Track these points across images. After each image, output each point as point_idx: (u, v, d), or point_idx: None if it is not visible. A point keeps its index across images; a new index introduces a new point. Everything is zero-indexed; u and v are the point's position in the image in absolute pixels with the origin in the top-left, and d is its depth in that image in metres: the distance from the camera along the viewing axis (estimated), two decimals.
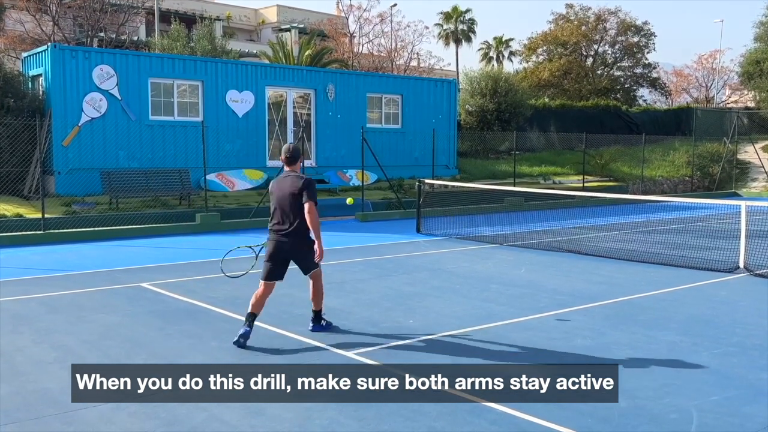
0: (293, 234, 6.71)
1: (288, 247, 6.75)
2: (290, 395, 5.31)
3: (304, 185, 6.68)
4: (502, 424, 4.77)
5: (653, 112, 40.95)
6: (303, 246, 6.78)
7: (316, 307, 7.23)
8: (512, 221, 17.54)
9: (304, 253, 6.83)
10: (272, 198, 6.86)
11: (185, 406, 5.06)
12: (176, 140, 19.32)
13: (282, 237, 6.74)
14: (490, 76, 30.19)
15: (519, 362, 6.15)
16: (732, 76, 53.03)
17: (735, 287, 9.73)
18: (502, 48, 58.05)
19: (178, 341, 6.79)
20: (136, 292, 9.12)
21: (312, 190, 6.69)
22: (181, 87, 19.84)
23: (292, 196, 6.65)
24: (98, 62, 18.23)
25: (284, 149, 6.93)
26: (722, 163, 30.47)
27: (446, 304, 8.45)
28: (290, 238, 6.72)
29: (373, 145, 19.74)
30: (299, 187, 6.66)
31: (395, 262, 11.68)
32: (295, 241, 6.75)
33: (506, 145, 29.69)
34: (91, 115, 18.10)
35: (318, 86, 22.39)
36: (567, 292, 9.20)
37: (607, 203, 21.74)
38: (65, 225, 14.69)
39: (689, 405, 5.15)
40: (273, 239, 6.80)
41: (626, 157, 29.66)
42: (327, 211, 18.54)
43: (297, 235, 6.72)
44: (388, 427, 4.71)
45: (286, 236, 6.72)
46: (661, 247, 13.09)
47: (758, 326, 7.49)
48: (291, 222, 6.70)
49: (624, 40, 48.84)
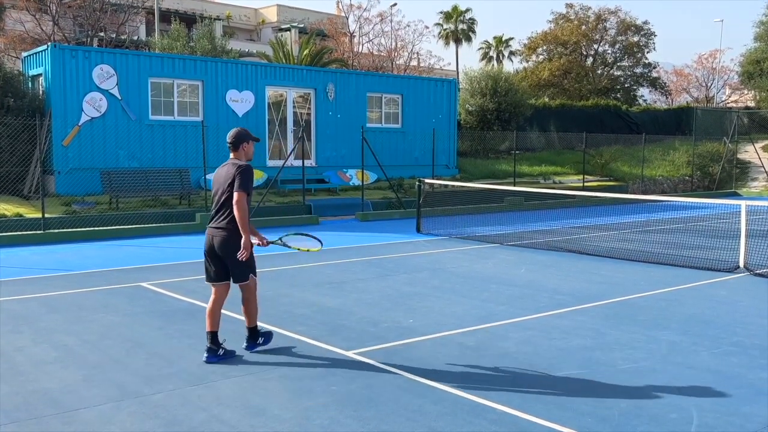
0: (223, 229, 6.00)
1: (217, 244, 6.04)
2: (290, 395, 5.31)
3: (236, 172, 5.97)
4: (502, 423, 4.76)
5: (653, 111, 40.98)
6: (231, 245, 5.98)
7: (248, 322, 6.38)
8: (512, 221, 17.54)
9: (231, 254, 6.00)
10: (213, 188, 6.24)
11: (185, 407, 5.06)
12: (176, 140, 19.33)
13: (212, 231, 6.08)
14: (490, 75, 30.19)
15: (518, 363, 6.15)
16: (732, 75, 53.08)
17: (735, 287, 9.73)
18: (502, 47, 58.11)
19: (178, 341, 6.79)
20: (136, 291, 9.12)
21: (244, 179, 5.95)
22: (181, 87, 19.84)
23: (227, 185, 5.98)
24: (98, 62, 18.24)
25: (228, 134, 6.23)
26: (722, 162, 30.46)
27: (446, 304, 8.45)
28: (219, 234, 6.02)
29: (373, 144, 19.74)
30: (232, 174, 5.98)
31: (395, 261, 11.68)
32: (224, 238, 6.01)
33: (506, 144, 29.69)
34: (91, 115, 18.10)
35: (318, 86, 22.39)
36: (567, 292, 9.20)
37: (607, 203, 21.75)
38: (65, 225, 14.69)
39: (689, 405, 5.15)
40: (207, 233, 6.17)
41: (626, 157, 29.66)
42: (327, 210, 18.58)
43: (226, 231, 5.99)
44: (388, 427, 4.70)
45: (215, 230, 6.05)
46: (661, 247, 13.09)
47: (758, 326, 7.49)
48: (223, 215, 6.02)
49: (624, 40, 48.86)
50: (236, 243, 5.95)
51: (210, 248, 6.10)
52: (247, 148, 6.20)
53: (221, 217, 6.03)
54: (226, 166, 6.11)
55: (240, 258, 5.92)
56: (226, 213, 6.00)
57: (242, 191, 5.90)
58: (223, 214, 6.02)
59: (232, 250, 5.96)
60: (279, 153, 21.79)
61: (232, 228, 5.95)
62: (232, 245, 5.97)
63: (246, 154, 6.20)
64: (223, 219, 6.01)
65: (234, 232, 5.95)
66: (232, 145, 6.15)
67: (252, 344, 6.39)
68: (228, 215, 5.98)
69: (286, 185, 20.00)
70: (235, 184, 5.90)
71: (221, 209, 6.03)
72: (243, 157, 6.17)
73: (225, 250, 6.01)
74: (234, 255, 5.95)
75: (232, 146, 6.15)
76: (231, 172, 5.98)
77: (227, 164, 6.13)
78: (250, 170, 6.05)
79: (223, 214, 6.02)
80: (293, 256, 11.91)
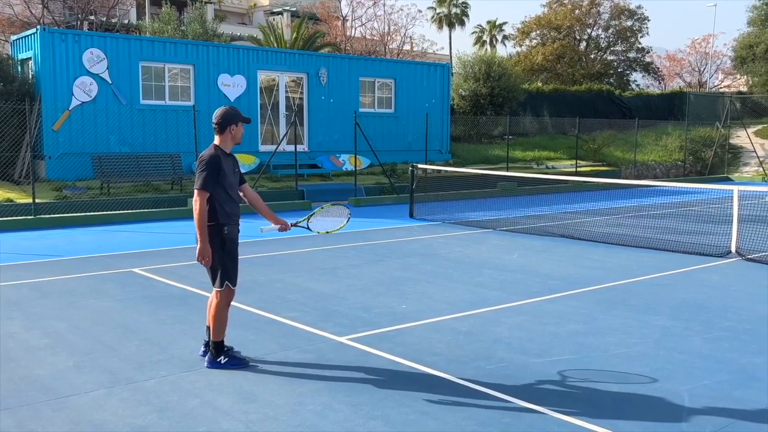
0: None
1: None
2: (282, 381, 5.30)
3: (196, 165, 5.32)
4: (494, 408, 4.77)
5: (646, 96, 40.96)
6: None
7: (213, 334, 5.55)
8: (505, 206, 17.54)
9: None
10: None
11: (177, 393, 5.05)
12: (167, 124, 19.21)
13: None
14: (483, 60, 30.08)
15: (511, 348, 6.16)
16: (725, 60, 53.10)
17: (727, 272, 9.76)
18: (496, 32, 57.82)
19: (170, 327, 6.76)
20: (127, 277, 9.08)
21: (200, 172, 5.23)
22: (173, 71, 19.69)
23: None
24: (88, 46, 18.07)
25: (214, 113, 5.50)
26: (715, 147, 30.52)
27: (439, 289, 8.44)
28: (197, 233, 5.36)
29: (366, 129, 19.68)
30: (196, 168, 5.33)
31: (388, 247, 11.67)
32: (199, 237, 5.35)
33: (499, 129, 29.64)
34: (82, 99, 17.96)
35: (310, 70, 22.27)
36: (559, 277, 9.21)
37: (600, 188, 21.77)
38: (56, 210, 14.60)
39: (681, 389, 5.17)
40: None
41: (619, 142, 29.68)
42: (320, 196, 18.52)
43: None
44: (381, 412, 4.70)
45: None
46: (654, 232, 13.12)
47: (750, 311, 7.52)
48: None
49: (617, 24, 48.77)
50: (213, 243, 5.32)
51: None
52: (235, 131, 5.43)
53: None
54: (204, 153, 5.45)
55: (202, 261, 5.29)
56: None
57: (198, 189, 5.20)
58: None
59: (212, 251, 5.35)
60: (271, 138, 21.69)
61: (208, 227, 5.29)
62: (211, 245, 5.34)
63: (234, 138, 5.45)
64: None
65: (210, 231, 5.29)
66: (219, 127, 5.39)
67: (212, 361, 5.54)
68: None
69: (278, 170, 19.93)
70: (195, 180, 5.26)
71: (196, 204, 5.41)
72: (229, 142, 5.43)
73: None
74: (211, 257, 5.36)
75: (218, 128, 5.40)
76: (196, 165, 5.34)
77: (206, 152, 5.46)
78: (208, 160, 5.26)
79: None
80: (285, 241, 11.88)
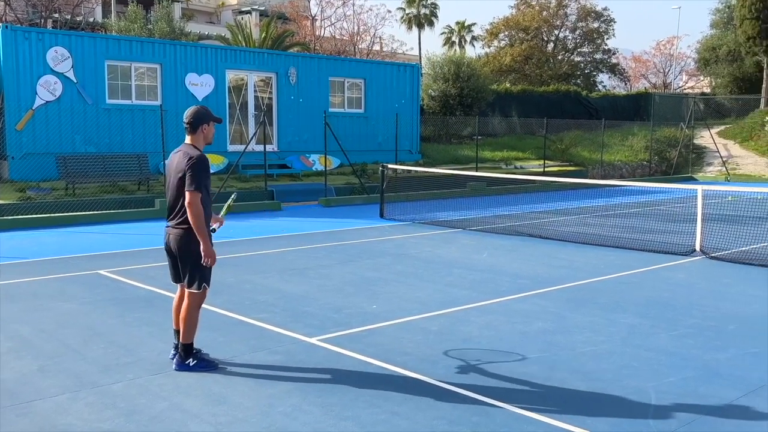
0: (176, 227, 5.38)
1: (172, 243, 5.42)
2: (252, 383, 5.26)
3: (186, 166, 5.24)
4: (464, 408, 4.79)
5: (612, 97, 41.53)
6: (184, 247, 5.36)
7: (182, 337, 5.50)
8: (475, 206, 17.64)
9: (185, 255, 5.38)
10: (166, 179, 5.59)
11: (145, 396, 4.98)
12: (134, 124, 18.96)
13: (168, 230, 5.46)
14: (452, 60, 30.23)
15: (481, 347, 6.19)
16: (689, 62, 54.10)
17: (692, 270, 9.94)
18: (465, 33, 58.13)
19: (138, 329, 6.67)
20: (94, 279, 8.94)
21: (195, 173, 5.21)
22: (139, 70, 19.44)
23: (178, 179, 5.29)
24: (52, 44, 17.75)
25: (186, 113, 5.47)
26: (679, 147, 31.04)
27: (409, 289, 8.46)
28: (174, 233, 5.39)
29: (336, 129, 19.63)
30: (183, 167, 5.27)
31: (358, 247, 11.66)
32: (178, 238, 5.36)
33: (469, 130, 29.81)
34: (46, 99, 17.64)
35: (279, 70, 22.15)
36: (528, 276, 9.29)
37: (568, 188, 22.01)
38: (20, 211, 14.31)
39: (648, 386, 5.24)
40: (165, 231, 5.54)
41: (586, 142, 30.03)
42: (290, 196, 18.44)
43: (181, 230, 5.35)
44: (352, 413, 4.70)
45: (171, 229, 5.44)
46: (620, 231, 13.30)
47: (714, 308, 7.66)
48: (177, 214, 5.37)
49: (584, 26, 49.38)
50: (190, 246, 5.32)
51: (167, 247, 5.50)
52: (207, 131, 5.46)
53: (176, 216, 5.38)
54: (179, 154, 5.38)
55: (205, 264, 5.34)
56: (180, 212, 5.34)
57: (194, 191, 5.19)
58: (177, 214, 5.37)
59: (185, 252, 5.35)
60: (240, 137, 21.52)
61: (188, 228, 5.28)
62: (184, 247, 5.35)
63: (206, 138, 5.47)
64: (177, 218, 5.37)
65: (190, 231, 5.28)
66: (190, 126, 5.40)
67: (181, 363, 5.49)
68: (182, 215, 5.32)
69: (247, 170, 19.79)
70: (186, 181, 5.20)
71: (174, 207, 5.38)
72: (201, 141, 5.44)
73: (179, 251, 5.39)
74: (187, 257, 5.35)
75: (189, 127, 5.41)
76: (182, 165, 5.27)
77: (180, 151, 5.41)
78: (202, 162, 5.26)
79: (177, 213, 5.37)
80: (255, 242, 11.81)
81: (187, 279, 5.43)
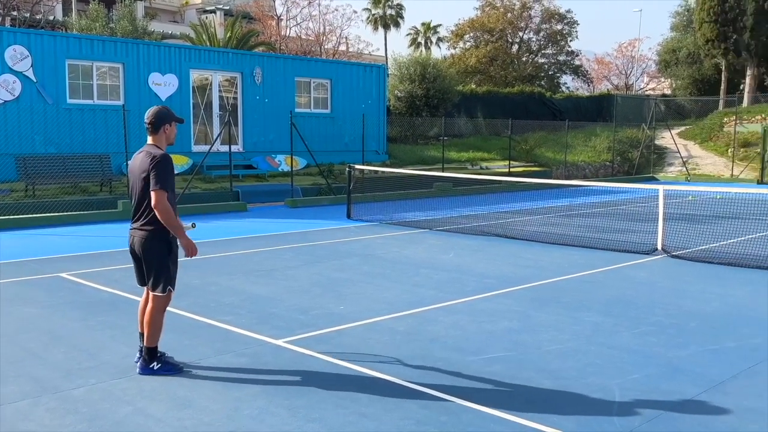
0: (141, 229, 5.34)
1: (137, 245, 5.37)
2: (218, 386, 5.21)
3: (150, 166, 5.21)
4: (432, 407, 4.80)
5: (576, 98, 42.08)
6: (148, 248, 5.33)
7: (147, 341, 5.45)
8: (441, 206, 17.71)
9: (150, 257, 5.34)
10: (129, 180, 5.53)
11: (108, 400, 4.90)
12: (96, 124, 18.66)
13: (133, 232, 5.41)
14: (418, 62, 30.34)
15: (448, 346, 6.21)
16: (650, 64, 55.09)
17: (654, 268, 10.10)
18: (430, 34, 58.39)
19: (100, 333, 6.56)
20: (55, 282, 8.77)
21: (160, 172, 5.18)
22: (101, 69, 19.14)
23: (143, 179, 5.26)
24: (11, 42, 17.38)
25: (147, 113, 5.46)
26: (641, 148, 31.57)
27: (376, 290, 8.45)
28: (138, 235, 5.35)
29: (302, 129, 19.56)
30: (147, 167, 5.24)
31: (325, 248, 11.62)
32: (143, 239, 5.33)
33: (435, 130, 29.94)
34: (4, 98, 17.27)
35: (245, 69, 21.99)
36: (494, 276, 9.36)
37: (532, 188, 22.25)
38: None
39: (611, 384, 5.31)
40: (129, 233, 5.48)
41: (550, 143, 30.38)
42: (255, 197, 18.31)
43: (146, 232, 5.31)
44: (319, 414, 4.68)
45: (135, 231, 5.38)
46: (584, 231, 13.47)
47: (675, 306, 7.79)
48: (142, 215, 5.32)
49: (548, 28, 49.95)
50: (156, 246, 5.31)
51: (132, 249, 5.44)
52: (169, 131, 5.45)
53: (140, 217, 5.33)
54: (142, 155, 5.34)
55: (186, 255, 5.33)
56: (145, 213, 5.29)
57: (160, 189, 5.16)
58: (142, 215, 5.32)
59: (149, 254, 5.32)
60: (205, 138, 21.32)
61: (153, 229, 5.28)
62: (148, 248, 5.31)
63: (168, 138, 5.46)
64: (142, 219, 5.32)
65: (155, 233, 5.27)
66: (152, 126, 5.39)
67: (145, 367, 5.43)
68: (147, 215, 5.28)
69: (212, 171, 19.60)
70: (151, 181, 5.17)
71: (139, 208, 5.34)
72: (163, 142, 5.43)
73: (143, 253, 5.34)
74: (151, 260, 5.32)
75: (151, 128, 5.39)
76: (146, 165, 5.23)
77: (143, 152, 5.37)
78: (166, 161, 5.25)
79: (142, 214, 5.32)
80: (220, 243, 11.71)
81: (152, 281, 5.37)
